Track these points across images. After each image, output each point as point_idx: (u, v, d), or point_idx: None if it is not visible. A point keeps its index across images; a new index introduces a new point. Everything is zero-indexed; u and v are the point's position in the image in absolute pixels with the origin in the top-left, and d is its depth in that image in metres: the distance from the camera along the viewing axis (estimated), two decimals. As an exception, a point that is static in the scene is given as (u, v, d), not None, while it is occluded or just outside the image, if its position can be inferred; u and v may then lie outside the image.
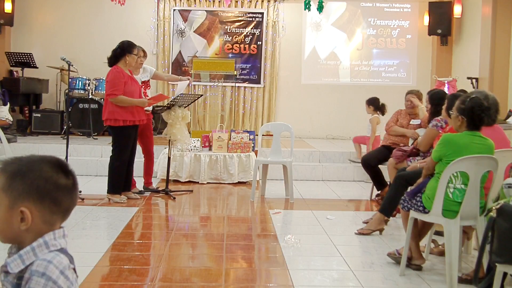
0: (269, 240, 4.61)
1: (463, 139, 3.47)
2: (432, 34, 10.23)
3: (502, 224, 2.88)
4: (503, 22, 8.50)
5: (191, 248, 4.41)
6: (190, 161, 7.23)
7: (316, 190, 7.07)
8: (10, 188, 1.33)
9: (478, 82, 8.75)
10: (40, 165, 1.36)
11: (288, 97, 10.72)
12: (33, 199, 1.33)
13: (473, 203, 3.48)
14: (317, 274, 3.71)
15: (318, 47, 10.78)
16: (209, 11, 10.54)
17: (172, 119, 6.14)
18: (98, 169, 7.47)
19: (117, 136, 5.71)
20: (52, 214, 1.36)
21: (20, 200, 1.32)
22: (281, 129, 6.61)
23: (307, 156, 8.19)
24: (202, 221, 5.38)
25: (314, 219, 5.36)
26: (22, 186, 1.33)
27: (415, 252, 3.81)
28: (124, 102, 5.55)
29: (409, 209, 3.70)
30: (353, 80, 10.83)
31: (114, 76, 5.56)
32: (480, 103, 3.45)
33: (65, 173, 1.39)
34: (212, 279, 3.57)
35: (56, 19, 10.47)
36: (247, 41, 10.55)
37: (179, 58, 10.53)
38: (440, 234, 4.27)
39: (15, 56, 9.51)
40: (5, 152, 5.39)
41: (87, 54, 10.00)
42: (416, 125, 5.92)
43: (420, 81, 10.55)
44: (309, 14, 9.85)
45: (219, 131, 7.51)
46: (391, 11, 10.80)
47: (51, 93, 10.01)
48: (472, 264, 3.88)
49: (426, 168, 3.74)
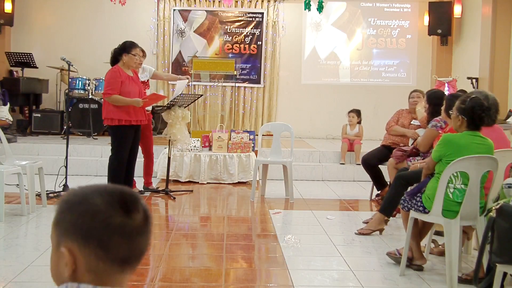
0: (269, 240, 4.61)
1: (463, 139, 3.47)
2: (432, 34, 10.23)
3: (502, 224, 2.88)
4: (503, 22, 8.50)
5: (191, 248, 4.41)
6: (190, 161, 7.23)
7: (316, 190, 7.07)
8: (58, 224, 1.09)
9: (478, 82, 8.75)
10: (94, 197, 1.07)
11: (288, 97, 10.72)
12: (76, 239, 1.05)
13: (473, 203, 3.48)
14: (317, 274, 3.71)
15: (318, 47, 10.78)
16: (209, 11, 10.54)
17: (172, 119, 6.14)
18: (98, 169, 7.47)
19: (114, 136, 5.69)
20: (98, 261, 1.05)
21: (64, 238, 1.07)
22: (281, 129, 6.61)
23: (307, 156, 8.19)
24: (202, 221, 5.38)
25: (314, 219, 5.36)
26: (68, 221, 1.07)
27: (416, 252, 3.81)
28: (118, 102, 5.54)
29: (409, 209, 3.70)
30: (353, 80, 10.83)
31: (110, 76, 5.57)
32: (481, 103, 3.45)
33: (127, 210, 1.07)
34: (212, 279, 3.57)
35: (56, 19, 10.47)
36: (247, 41, 10.55)
37: (179, 58, 10.53)
38: (440, 234, 4.27)
39: (15, 56, 9.51)
40: (5, 152, 5.38)
41: (87, 54, 10.00)
42: (416, 125, 5.92)
43: (420, 81, 10.55)
44: (309, 14, 9.85)
45: (219, 131, 7.51)
46: (391, 11, 10.80)
47: (51, 93, 10.00)
48: (472, 264, 3.88)
49: (426, 168, 3.73)
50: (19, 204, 5.20)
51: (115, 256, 1.06)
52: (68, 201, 1.09)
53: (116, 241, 1.05)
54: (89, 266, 1.05)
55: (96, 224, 1.04)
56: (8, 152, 5.39)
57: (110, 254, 1.05)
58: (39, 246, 4.18)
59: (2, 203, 4.84)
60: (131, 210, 1.08)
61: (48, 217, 5.06)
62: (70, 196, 1.10)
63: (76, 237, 1.05)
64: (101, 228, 1.04)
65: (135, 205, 1.09)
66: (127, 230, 1.06)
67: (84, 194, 1.08)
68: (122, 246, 1.06)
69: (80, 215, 1.05)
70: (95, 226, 1.04)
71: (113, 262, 1.06)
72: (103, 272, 1.06)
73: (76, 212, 1.06)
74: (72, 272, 1.06)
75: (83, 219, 1.05)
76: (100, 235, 1.04)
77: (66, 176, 5.97)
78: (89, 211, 1.05)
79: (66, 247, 1.06)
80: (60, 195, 5.82)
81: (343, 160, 7.96)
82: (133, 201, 1.09)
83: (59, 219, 1.09)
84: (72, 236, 1.06)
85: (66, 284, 1.06)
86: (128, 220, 1.06)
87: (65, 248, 1.06)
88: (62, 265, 1.07)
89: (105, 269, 1.06)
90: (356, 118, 7.93)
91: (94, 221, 1.05)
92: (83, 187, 1.11)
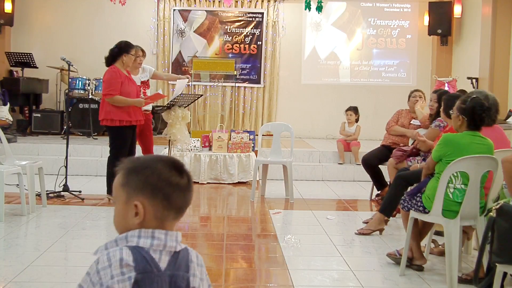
0: (269, 240, 4.61)
1: (463, 139, 3.47)
2: (432, 34, 10.23)
3: (502, 224, 2.88)
4: (503, 22, 8.50)
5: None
6: (190, 161, 7.23)
7: (316, 190, 7.07)
8: (126, 183, 1.39)
9: (478, 82, 8.75)
10: (155, 163, 1.40)
11: (288, 97, 10.72)
12: (146, 194, 1.37)
13: (473, 203, 3.48)
14: (317, 274, 3.71)
15: (318, 47, 10.78)
16: (209, 11, 10.54)
17: (172, 119, 6.14)
18: (98, 169, 7.46)
19: (114, 136, 5.67)
20: (163, 209, 1.38)
21: (135, 194, 1.37)
22: (281, 129, 6.61)
23: (307, 156, 8.19)
24: (202, 221, 5.38)
25: (314, 219, 5.36)
26: (136, 181, 1.38)
27: (416, 252, 3.81)
28: (120, 102, 5.53)
29: (409, 209, 3.70)
30: (353, 80, 10.83)
31: (110, 76, 5.53)
32: (481, 103, 3.45)
33: (180, 172, 1.41)
34: (212, 279, 3.56)
35: (56, 19, 10.47)
36: (247, 41, 10.55)
37: (179, 58, 10.53)
38: (440, 234, 4.27)
39: (15, 56, 9.51)
40: (5, 152, 5.38)
41: (87, 54, 9.99)
42: (417, 125, 5.92)
43: (420, 81, 10.55)
44: (309, 14, 9.85)
45: (219, 131, 7.51)
46: (391, 11, 10.80)
47: (51, 93, 10.01)
48: (472, 264, 3.88)
49: (426, 168, 3.73)
50: (19, 204, 5.19)
51: (174, 206, 1.40)
52: (134, 167, 1.39)
53: (175, 194, 1.39)
54: (156, 214, 1.38)
55: (161, 182, 1.37)
56: (8, 152, 5.39)
57: (172, 203, 1.39)
58: (39, 246, 4.17)
59: (2, 203, 4.84)
60: (182, 172, 1.41)
61: (48, 217, 5.06)
62: (134, 163, 1.41)
63: (146, 193, 1.37)
64: (165, 185, 1.38)
65: (184, 169, 1.43)
66: (181, 186, 1.40)
67: (146, 161, 1.41)
68: (180, 198, 1.40)
69: (148, 176, 1.37)
70: (160, 184, 1.37)
71: (172, 210, 1.40)
72: (165, 218, 1.39)
73: (144, 174, 1.38)
74: (142, 220, 1.37)
75: (151, 179, 1.37)
76: (164, 189, 1.37)
77: (66, 176, 5.97)
78: (155, 173, 1.38)
79: (139, 201, 1.36)
80: (61, 195, 5.85)
81: (342, 160, 7.96)
82: (182, 166, 1.43)
83: (127, 181, 1.39)
84: (142, 192, 1.37)
85: (127, 233, 1.36)
86: (181, 179, 1.40)
87: (138, 202, 1.36)
88: (130, 216, 1.37)
89: (167, 215, 1.39)
90: (354, 115, 7.94)
91: (160, 180, 1.37)
92: (140, 157, 1.44)
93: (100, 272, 1.30)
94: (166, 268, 1.35)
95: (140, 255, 1.32)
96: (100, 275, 1.30)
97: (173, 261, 1.38)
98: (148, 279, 1.31)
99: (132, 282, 1.30)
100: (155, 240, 1.36)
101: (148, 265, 1.33)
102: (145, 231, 1.36)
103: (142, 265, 1.31)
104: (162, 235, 1.37)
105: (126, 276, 1.30)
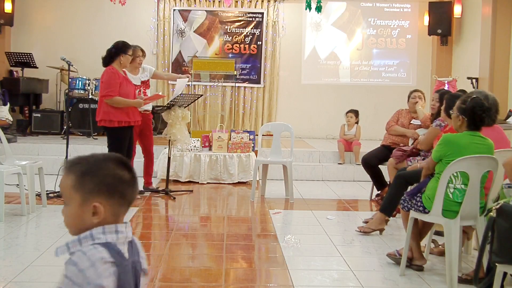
0: (269, 240, 4.61)
1: (463, 139, 3.47)
2: (432, 34, 10.23)
3: (502, 224, 2.88)
4: (503, 22, 8.50)
5: (191, 248, 4.41)
6: (190, 161, 7.23)
7: (316, 190, 7.07)
8: (81, 186, 1.43)
9: (478, 82, 8.75)
10: (106, 163, 1.46)
11: (288, 97, 10.72)
12: (104, 194, 1.43)
13: (473, 203, 3.48)
14: (317, 274, 3.71)
15: (318, 47, 10.78)
16: (209, 11, 10.54)
17: (172, 119, 6.14)
18: (98, 169, 7.45)
19: (112, 137, 5.64)
20: (120, 206, 1.46)
21: (92, 196, 1.43)
22: (281, 129, 6.61)
23: (307, 156, 8.19)
24: (202, 221, 5.38)
25: (314, 219, 5.36)
26: (92, 183, 1.43)
27: (416, 252, 3.81)
28: (120, 103, 5.50)
29: (409, 209, 3.70)
30: (353, 80, 10.83)
31: (109, 77, 5.48)
32: (481, 103, 3.45)
33: (127, 168, 1.49)
34: (212, 279, 3.57)
35: (56, 19, 10.47)
36: (247, 41, 10.55)
37: (179, 58, 10.53)
38: (440, 234, 4.27)
39: (15, 56, 9.51)
40: (5, 152, 5.38)
41: (87, 54, 9.99)
42: (417, 125, 5.92)
43: (420, 81, 10.55)
44: (309, 14, 9.85)
45: (219, 131, 7.51)
46: (391, 11, 10.81)
47: (51, 93, 10.01)
48: (472, 264, 3.88)
49: (426, 168, 3.73)
50: (19, 204, 5.19)
51: (128, 200, 1.48)
52: (86, 170, 1.44)
53: (129, 190, 1.48)
54: (113, 211, 1.45)
55: (116, 181, 1.45)
56: (8, 152, 5.39)
57: (126, 199, 1.47)
58: (39, 246, 4.17)
59: (2, 203, 4.84)
60: (129, 168, 1.49)
61: (48, 217, 5.06)
62: (86, 165, 1.44)
63: (103, 193, 1.43)
64: (119, 183, 1.45)
65: (129, 163, 1.51)
66: (131, 182, 1.49)
67: (97, 162, 1.46)
68: (131, 192, 1.49)
69: (103, 177, 1.43)
70: (115, 183, 1.45)
71: (126, 205, 1.48)
72: (121, 213, 1.48)
73: (98, 176, 1.43)
74: (102, 219, 1.43)
75: (107, 179, 1.44)
76: (119, 188, 1.45)
77: (66, 176, 5.95)
78: (109, 173, 1.44)
79: (97, 202, 1.42)
80: (61, 195, 5.85)
81: (342, 160, 7.97)
82: (127, 162, 1.51)
83: (81, 183, 1.43)
84: (99, 193, 1.43)
85: (91, 231, 1.41)
86: (130, 174, 1.48)
87: (97, 203, 1.42)
88: (87, 216, 1.43)
89: (123, 210, 1.48)
90: (354, 118, 7.96)
91: (114, 179, 1.45)
92: (87, 158, 1.47)
93: (84, 272, 1.34)
94: (129, 257, 1.46)
95: (114, 251, 1.41)
96: (85, 275, 1.34)
97: (130, 249, 1.48)
98: (123, 270, 1.41)
99: (115, 276, 1.38)
100: (119, 234, 1.44)
101: (121, 257, 1.42)
102: (108, 227, 1.43)
103: (118, 259, 1.40)
104: (123, 228, 1.46)
105: (110, 271, 1.37)
